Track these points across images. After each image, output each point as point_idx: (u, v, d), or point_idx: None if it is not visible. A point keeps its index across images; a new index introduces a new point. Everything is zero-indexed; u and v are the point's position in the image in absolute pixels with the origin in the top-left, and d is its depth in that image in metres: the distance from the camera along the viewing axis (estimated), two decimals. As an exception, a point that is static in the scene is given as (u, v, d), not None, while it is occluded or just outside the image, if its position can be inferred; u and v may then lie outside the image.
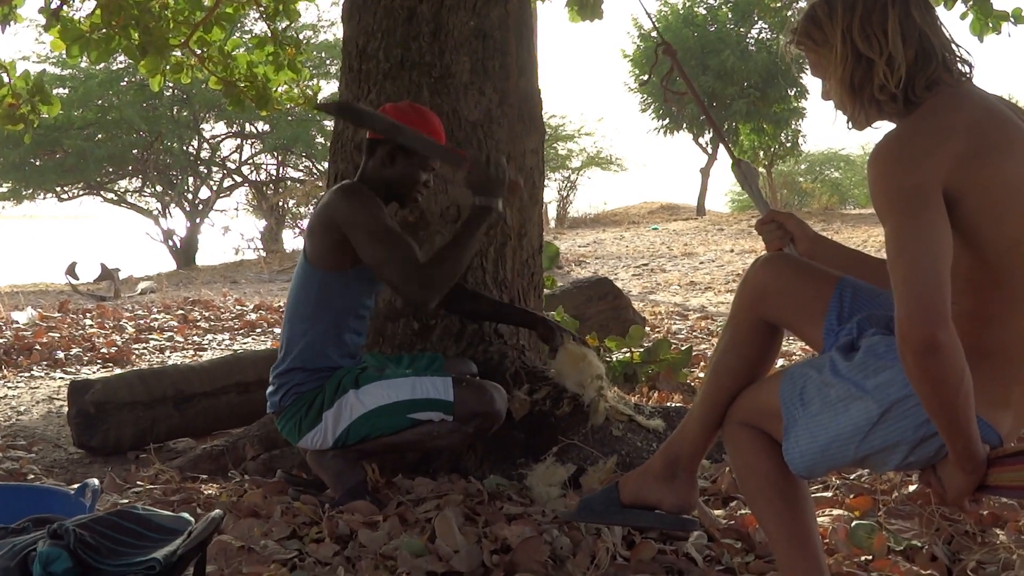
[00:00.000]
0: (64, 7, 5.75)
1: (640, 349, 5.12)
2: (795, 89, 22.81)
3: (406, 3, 3.53)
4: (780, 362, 4.94)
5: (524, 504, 2.88)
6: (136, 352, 6.96)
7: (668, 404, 4.06)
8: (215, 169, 22.88)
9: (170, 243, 21.62)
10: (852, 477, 3.01)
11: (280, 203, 22.77)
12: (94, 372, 6.20)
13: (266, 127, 21.45)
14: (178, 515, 2.00)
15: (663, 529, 2.49)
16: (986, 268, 1.74)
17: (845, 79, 1.85)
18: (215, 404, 4.44)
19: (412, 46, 3.53)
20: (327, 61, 20.63)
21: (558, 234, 19.90)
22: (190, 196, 22.47)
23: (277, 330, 7.87)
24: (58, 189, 21.68)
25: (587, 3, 6.37)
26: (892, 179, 1.70)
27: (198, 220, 22.19)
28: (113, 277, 13.41)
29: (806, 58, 1.95)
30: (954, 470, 1.72)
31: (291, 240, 22.68)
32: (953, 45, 1.84)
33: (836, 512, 2.68)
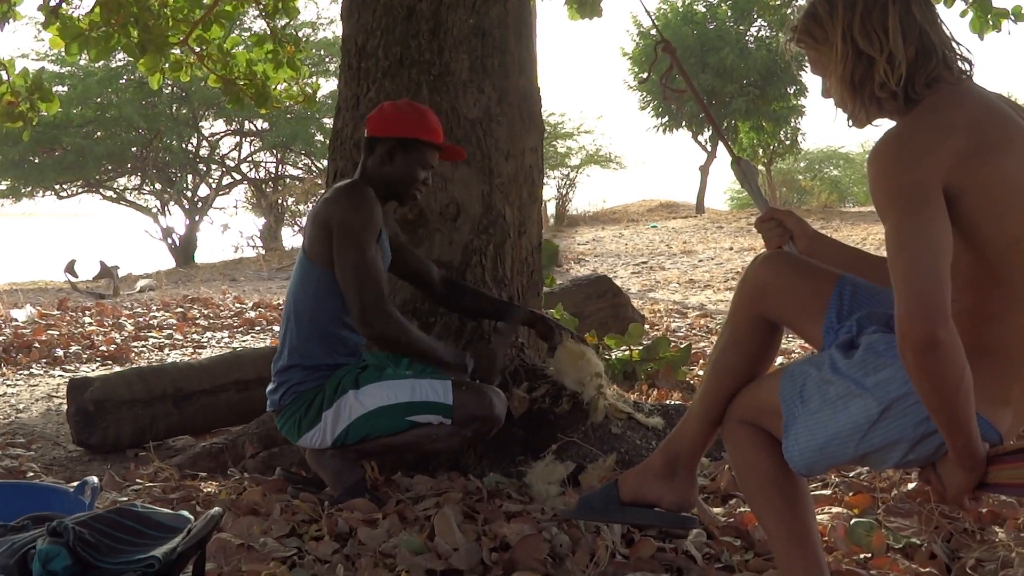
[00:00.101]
0: (63, 5, 5.74)
1: (639, 347, 5.12)
2: (794, 87, 22.80)
3: (405, 1, 3.53)
4: (779, 360, 4.94)
5: (523, 502, 2.88)
6: (135, 350, 6.96)
7: (667, 402, 4.06)
8: (214, 167, 22.85)
9: (169, 241, 21.60)
10: (851, 475, 3.01)
11: (279, 201, 22.75)
12: (93, 370, 6.20)
13: (265, 125, 21.43)
14: (177, 513, 2.00)
15: (662, 527, 2.49)
16: (986, 266, 1.74)
17: (845, 77, 1.85)
18: (214, 402, 4.44)
19: (411, 44, 3.53)
20: (326, 59, 20.61)
21: (557, 232, 19.90)
22: (189, 194, 22.44)
23: (276, 328, 7.86)
24: (57, 187, 21.64)
25: (586, 1, 6.36)
26: (892, 177, 1.70)
27: (197, 218, 22.16)
28: (112, 275, 13.39)
29: (806, 56, 1.95)
30: (954, 468, 1.72)
31: (290, 238, 22.67)
32: (953, 43, 1.84)
33: (835, 510, 2.68)
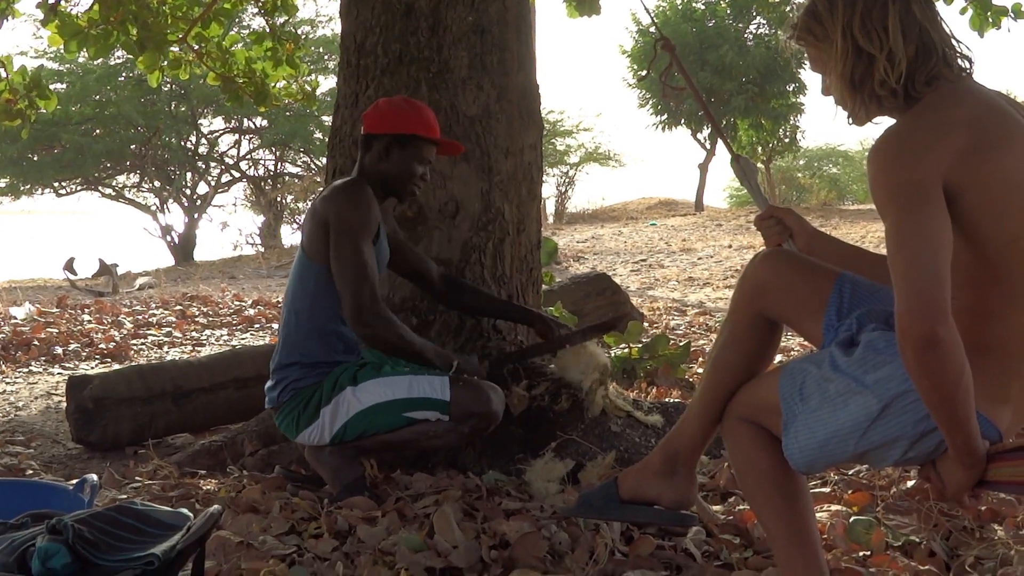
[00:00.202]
0: (62, 2, 5.73)
1: (638, 345, 5.12)
2: (793, 85, 22.80)
3: (404, -2, 3.52)
4: (778, 358, 4.94)
5: (523, 499, 2.88)
6: (134, 348, 6.96)
7: (666, 400, 4.06)
8: (213, 164, 22.83)
9: (168, 239, 21.57)
10: (850, 473, 3.01)
11: (278, 198, 22.72)
12: (92, 368, 6.20)
13: (264, 122, 21.41)
14: (177, 510, 2.00)
15: (662, 525, 2.49)
16: (986, 264, 1.74)
17: (845, 75, 1.84)
18: (213, 400, 4.43)
19: (410, 41, 3.53)
20: (325, 56, 20.59)
21: (556, 230, 19.90)
22: (188, 192, 22.42)
23: (275, 325, 7.86)
24: (56, 184, 21.62)
25: (586, -2, 6.35)
26: (892, 174, 1.69)
27: (196, 215, 22.14)
28: (111, 272, 13.39)
29: (806, 53, 1.95)
30: (953, 465, 1.72)
31: (289, 235, 22.64)
32: (953, 40, 1.84)
33: (834, 508, 2.68)
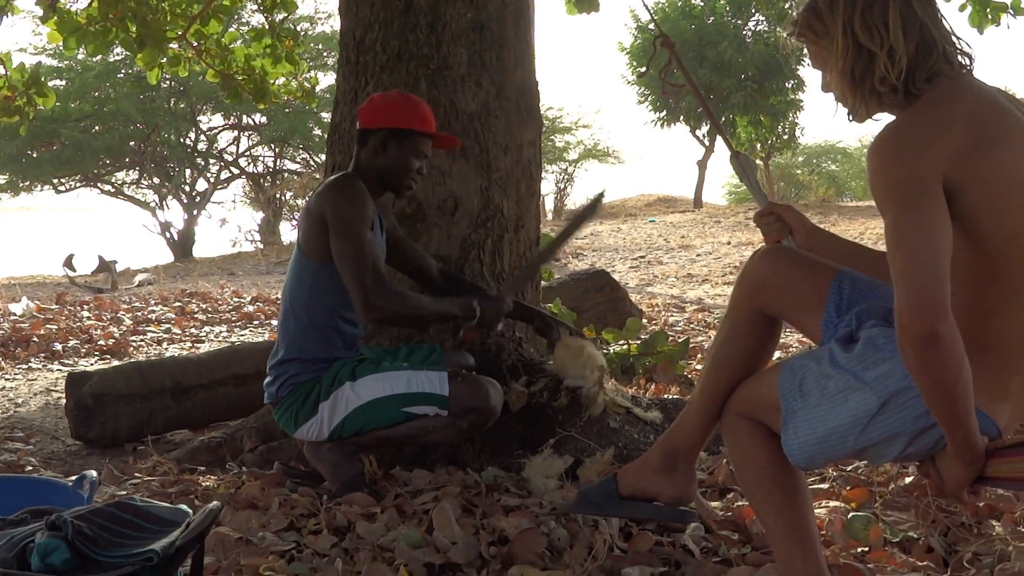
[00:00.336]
0: (61, -1, 5.73)
1: (637, 341, 5.12)
2: (792, 81, 22.79)
3: (404, -6, 3.52)
4: (777, 354, 4.94)
5: (522, 496, 2.88)
6: (133, 344, 6.95)
7: (665, 396, 4.06)
8: (212, 161, 22.82)
9: (167, 235, 21.56)
10: (849, 469, 3.01)
11: (277, 195, 22.70)
12: (91, 364, 6.19)
13: (263, 119, 21.39)
14: (176, 507, 2.00)
15: (661, 521, 2.49)
16: (986, 260, 1.74)
17: (846, 71, 1.84)
18: (213, 396, 4.43)
19: (409, 38, 3.52)
20: (324, 53, 20.57)
21: (555, 226, 19.86)
22: (187, 188, 22.41)
23: (274, 322, 7.86)
24: (55, 181, 21.60)
25: (585, -5, 6.34)
26: (892, 171, 1.69)
27: (195, 212, 22.12)
28: (110, 269, 13.37)
29: (806, 50, 1.94)
30: (953, 461, 1.72)
31: (288, 232, 22.61)
32: (953, 37, 1.84)
33: (833, 504, 2.68)
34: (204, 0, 6.03)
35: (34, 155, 20.30)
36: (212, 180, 22.90)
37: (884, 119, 1.85)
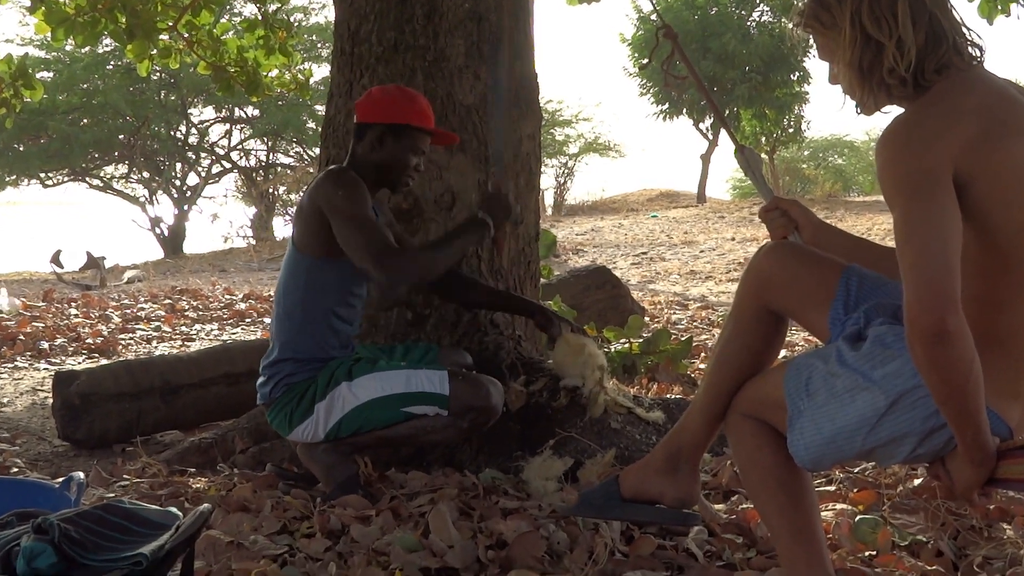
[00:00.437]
0: (49, -12, 5.72)
1: (639, 340, 5.11)
2: (798, 73, 22.79)
3: (400, -16, 3.51)
4: (784, 353, 4.95)
5: (520, 498, 2.88)
6: (122, 342, 6.95)
7: (668, 396, 4.06)
8: (203, 155, 22.82)
9: (157, 231, 21.56)
10: (856, 471, 3.02)
11: (270, 190, 22.72)
12: (79, 363, 6.19)
13: (256, 112, 21.39)
14: (166, 509, 2.00)
15: (664, 524, 2.49)
16: (996, 253, 1.73)
17: (854, 63, 1.84)
18: (203, 396, 4.43)
19: (406, 29, 3.52)
20: (318, 44, 20.58)
21: (555, 222, 19.90)
22: (178, 183, 22.41)
23: (267, 320, 7.86)
24: (42, 175, 21.60)
25: (585, -15, 6.34)
26: (901, 164, 1.69)
27: (186, 207, 22.13)
28: (99, 265, 13.37)
29: (812, 41, 1.94)
30: (963, 463, 1.71)
31: (281, 228, 22.63)
32: (964, 28, 1.83)
33: (840, 506, 2.68)
34: (195, -10, 6.03)
35: (21, 148, 20.29)
36: (203, 174, 22.90)
37: (893, 112, 1.85)
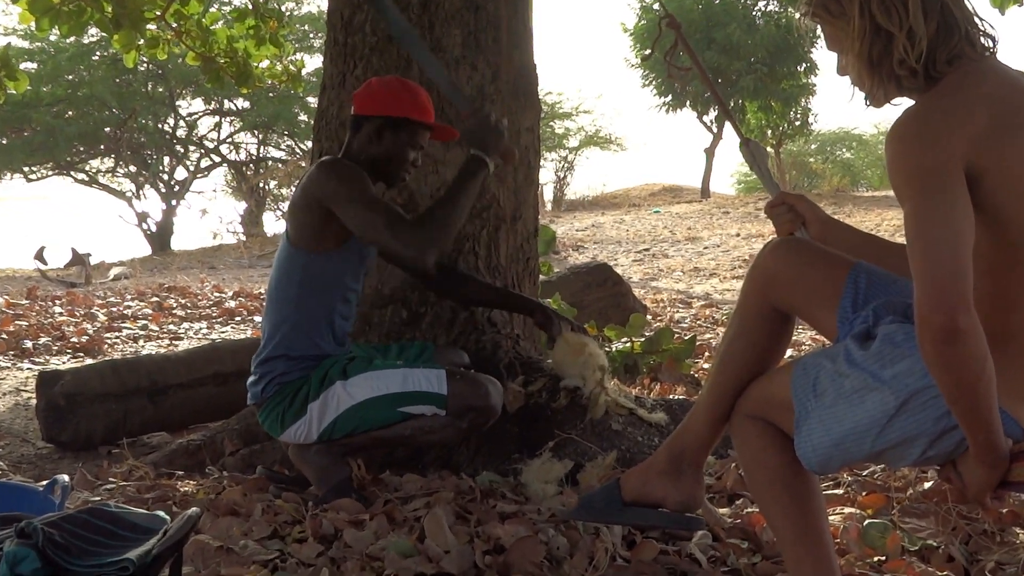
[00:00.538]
0: (33, -24, 5.71)
1: (641, 339, 5.12)
2: (804, 64, 22.81)
3: (394, -29, 3.51)
4: (790, 352, 4.95)
5: (519, 502, 2.88)
6: (108, 341, 6.95)
7: (671, 397, 4.06)
8: (192, 148, 22.84)
9: (144, 226, 21.57)
10: (864, 474, 3.02)
11: (261, 184, 22.72)
12: (64, 362, 6.19)
13: (246, 104, 21.40)
14: (153, 513, 2.00)
15: (666, 528, 2.49)
16: (1008, 248, 1.73)
17: (863, 53, 1.83)
18: (192, 396, 4.43)
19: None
20: (311, 34, 20.61)
21: (555, 217, 19.92)
22: (165, 177, 22.42)
23: (257, 318, 7.86)
24: (26, 169, 21.61)
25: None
26: (911, 157, 1.69)
27: (174, 202, 22.14)
28: (84, 262, 13.38)
29: (820, 31, 1.94)
30: (975, 465, 1.71)
31: (272, 223, 22.68)
32: (976, 18, 1.83)
33: (848, 510, 2.69)
34: (183, -22, 6.02)
35: (4, 142, 20.31)
36: (192, 168, 22.91)
37: (903, 104, 1.85)
